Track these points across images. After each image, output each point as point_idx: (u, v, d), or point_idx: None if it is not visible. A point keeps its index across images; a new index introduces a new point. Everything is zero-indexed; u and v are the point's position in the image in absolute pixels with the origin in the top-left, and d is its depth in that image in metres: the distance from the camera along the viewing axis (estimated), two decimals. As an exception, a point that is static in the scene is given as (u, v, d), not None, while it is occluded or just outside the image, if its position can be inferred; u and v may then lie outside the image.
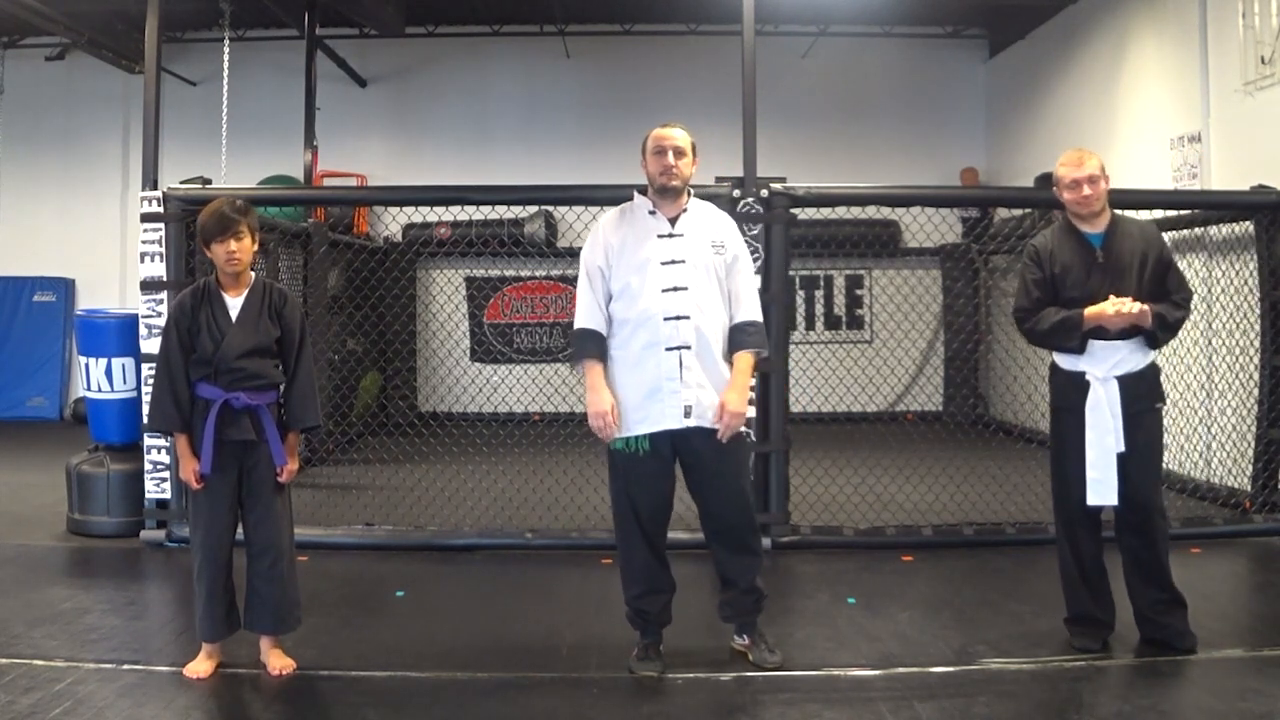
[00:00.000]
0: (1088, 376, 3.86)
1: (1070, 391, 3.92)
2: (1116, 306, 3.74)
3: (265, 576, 3.71)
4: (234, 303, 3.68)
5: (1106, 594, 4.00)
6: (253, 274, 3.75)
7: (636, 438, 3.68)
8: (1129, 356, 3.87)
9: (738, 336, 3.74)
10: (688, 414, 3.64)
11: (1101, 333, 3.83)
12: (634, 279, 3.69)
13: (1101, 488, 3.82)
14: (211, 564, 3.67)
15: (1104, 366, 3.85)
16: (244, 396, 3.62)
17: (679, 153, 3.71)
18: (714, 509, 3.80)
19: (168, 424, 3.66)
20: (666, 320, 3.64)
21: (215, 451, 3.61)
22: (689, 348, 3.64)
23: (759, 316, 3.79)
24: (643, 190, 3.86)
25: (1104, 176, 3.91)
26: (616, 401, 3.67)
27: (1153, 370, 3.97)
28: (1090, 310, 3.80)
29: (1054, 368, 4.03)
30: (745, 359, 3.73)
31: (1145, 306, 3.76)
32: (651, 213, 3.77)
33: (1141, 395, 3.90)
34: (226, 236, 3.62)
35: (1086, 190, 3.86)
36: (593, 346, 3.70)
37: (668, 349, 3.63)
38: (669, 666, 3.78)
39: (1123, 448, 3.82)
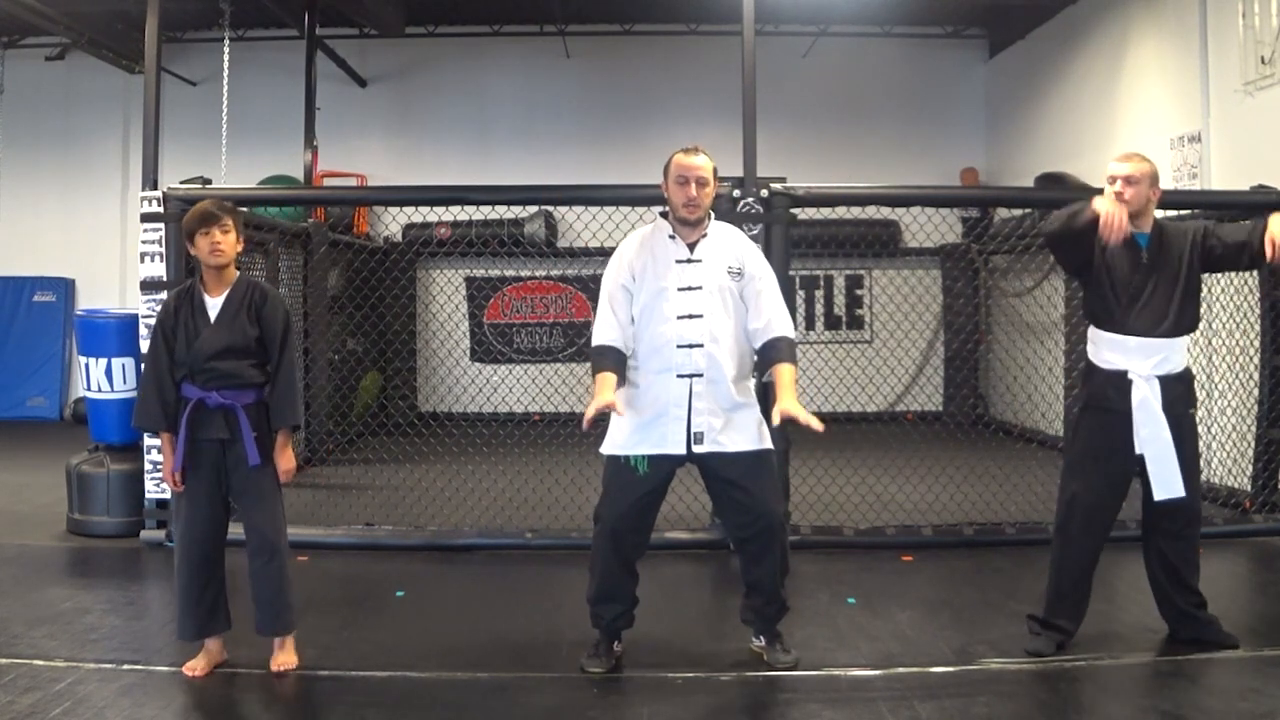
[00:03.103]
0: (1130, 375, 3.79)
1: (1108, 391, 3.84)
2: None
3: (258, 576, 3.72)
4: (214, 303, 3.69)
5: (1084, 605, 3.95)
6: (237, 274, 3.75)
7: (636, 456, 3.67)
8: (1171, 355, 3.83)
9: (771, 353, 3.71)
10: (699, 440, 3.63)
11: (1139, 327, 3.79)
12: (651, 304, 3.68)
13: (1166, 482, 3.76)
14: (187, 563, 3.67)
15: (1147, 364, 3.79)
16: (218, 395, 3.62)
17: (701, 183, 3.68)
18: (734, 520, 3.80)
19: (152, 423, 3.69)
20: (680, 348, 3.64)
21: (189, 451, 3.62)
22: (700, 375, 3.63)
23: (791, 332, 3.76)
24: (664, 211, 3.83)
25: (1150, 188, 3.82)
26: (623, 417, 3.64)
27: (1189, 374, 3.93)
28: (1100, 206, 3.65)
29: (1091, 367, 3.94)
30: (788, 370, 3.65)
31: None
32: (671, 237, 3.75)
33: (1179, 398, 3.86)
34: (210, 227, 3.62)
35: (1118, 187, 3.80)
36: (610, 361, 3.64)
37: (679, 376, 3.63)
38: (671, 666, 3.78)
39: None
